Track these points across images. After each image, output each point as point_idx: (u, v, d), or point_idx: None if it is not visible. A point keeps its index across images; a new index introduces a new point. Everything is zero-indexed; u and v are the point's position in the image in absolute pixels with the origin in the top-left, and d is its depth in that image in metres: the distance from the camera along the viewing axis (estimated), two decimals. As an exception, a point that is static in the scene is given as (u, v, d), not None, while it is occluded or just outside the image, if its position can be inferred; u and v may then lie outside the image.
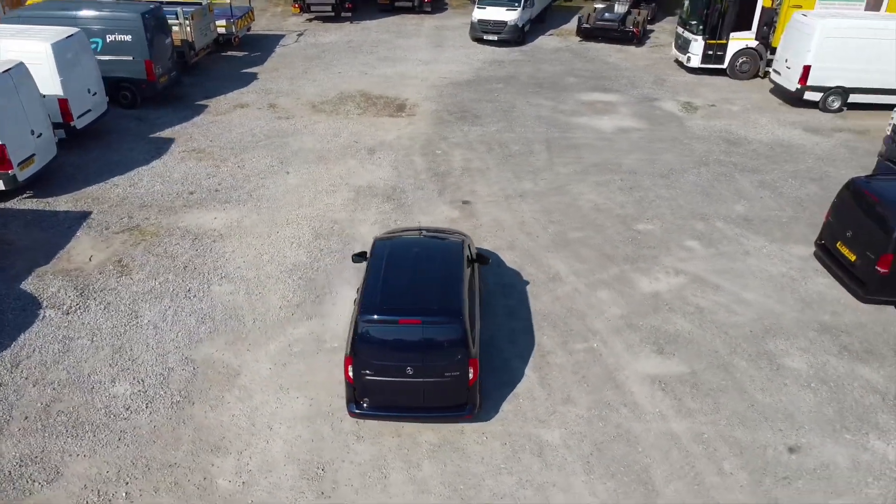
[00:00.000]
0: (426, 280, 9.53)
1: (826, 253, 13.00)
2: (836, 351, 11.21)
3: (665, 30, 30.73)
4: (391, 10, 32.48)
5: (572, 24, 31.23)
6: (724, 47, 23.79)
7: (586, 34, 28.57)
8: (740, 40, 23.66)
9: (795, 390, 10.40)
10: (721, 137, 19.35)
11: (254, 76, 23.76)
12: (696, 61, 24.08)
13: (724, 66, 24.06)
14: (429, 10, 32.59)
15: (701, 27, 23.60)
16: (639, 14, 28.89)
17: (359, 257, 11.45)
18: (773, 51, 23.46)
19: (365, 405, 9.19)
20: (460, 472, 8.99)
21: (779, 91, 22.35)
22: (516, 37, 27.47)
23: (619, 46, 27.95)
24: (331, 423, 9.72)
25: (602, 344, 11.31)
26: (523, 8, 27.62)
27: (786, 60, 21.35)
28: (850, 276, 12.27)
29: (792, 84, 21.01)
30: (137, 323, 11.60)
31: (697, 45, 23.84)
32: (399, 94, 22.39)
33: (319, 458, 9.18)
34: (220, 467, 9.00)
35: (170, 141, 18.50)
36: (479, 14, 27.44)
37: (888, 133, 16.30)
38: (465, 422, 9.45)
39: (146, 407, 9.92)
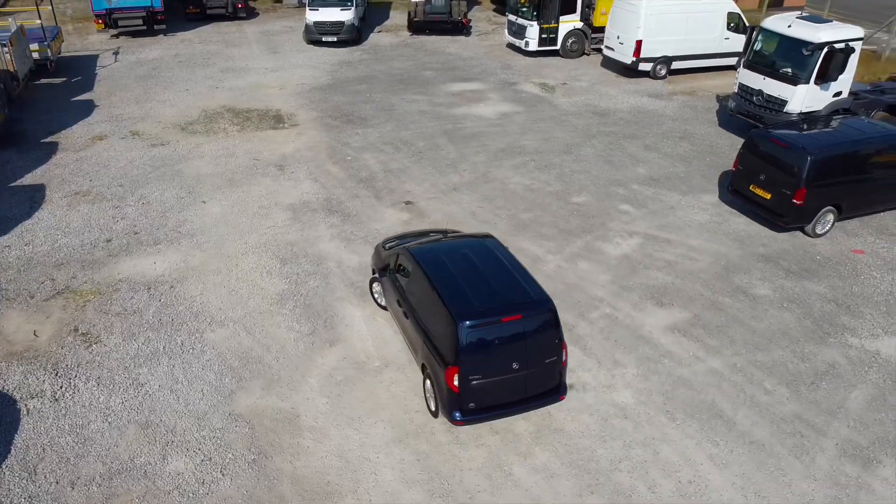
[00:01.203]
0: (497, 276, 9.72)
1: (740, 196, 15.23)
2: (783, 275, 13.36)
3: (479, 18, 32.57)
4: (203, 18, 30.49)
5: (394, 20, 31.89)
6: (555, 30, 26.00)
7: (417, 28, 29.32)
8: (569, 23, 26.04)
9: (776, 312, 12.28)
10: (589, 111, 21.35)
11: (91, 104, 21.14)
12: (533, 45, 26.03)
13: (558, 47, 26.30)
14: (244, 15, 31.11)
15: (535, 13, 25.53)
16: (458, 4, 30.27)
17: (383, 272, 11.23)
18: (595, 30, 26.24)
19: (471, 408, 9.20)
20: (571, 449, 9.44)
21: (610, 65, 25.09)
22: (354, 36, 27.42)
23: (450, 38, 29.11)
24: (426, 439, 9.58)
25: (613, 308, 12.31)
26: (356, 6, 27.61)
27: (617, 37, 24.00)
28: (768, 212, 14.57)
29: (627, 58, 23.71)
30: (147, 391, 10.26)
31: (533, 30, 25.78)
32: (267, 105, 21.42)
33: (437, 473, 9.06)
34: (343, 512, 8.53)
35: (39, 188, 16.01)
36: (314, 16, 26.91)
37: (735, 91, 19.27)
38: (557, 403, 9.85)
39: (223, 475, 8.96)
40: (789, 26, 17.49)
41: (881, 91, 19.37)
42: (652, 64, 23.78)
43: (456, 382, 8.96)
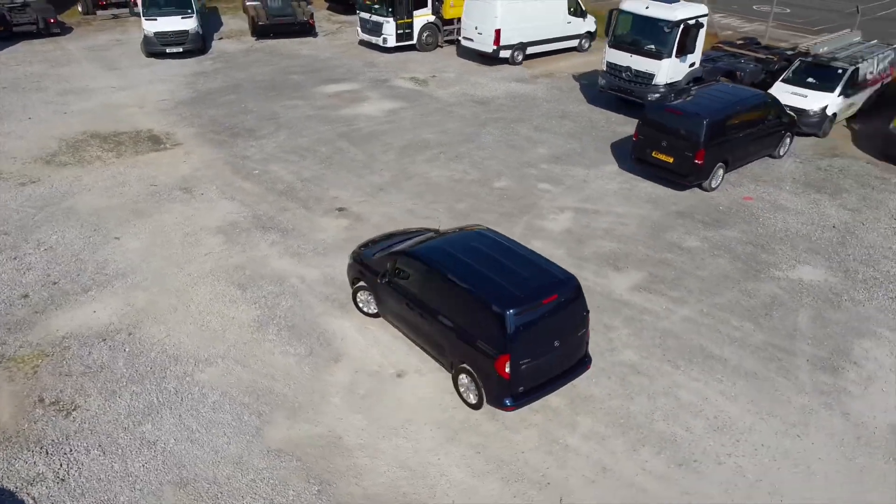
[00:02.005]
0: (517, 262, 10.05)
1: (642, 164, 16.82)
2: (701, 227, 15.08)
3: (318, 18, 31.95)
4: (8, 37, 26.90)
5: (229, 25, 30.50)
6: (410, 25, 26.43)
7: (262, 32, 28.25)
8: (422, 17, 26.60)
9: (711, 260, 13.89)
10: (470, 101, 22.13)
11: (-86, 147, 18.05)
12: (392, 41, 26.27)
13: (414, 41, 26.77)
14: (57, 31, 27.90)
15: (390, 10, 25.75)
16: (298, 5, 29.60)
17: (373, 280, 11.10)
18: (446, 22, 27.10)
19: (521, 392, 9.52)
20: (607, 412, 10.10)
21: (468, 55, 26.10)
22: (200, 45, 25.84)
23: (298, 40, 28.41)
24: (475, 432, 9.74)
25: (581, 279, 13.12)
26: (195, 13, 25.99)
27: (475, 28, 25.00)
28: (672, 174, 16.27)
29: (488, 46, 24.82)
30: (164, 447, 9.33)
31: (390, 26, 26.00)
32: (134, 126, 19.68)
33: (501, 461, 9.28)
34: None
35: None
36: (154, 26, 24.91)
37: (603, 69, 21.02)
38: (585, 372, 10.43)
39: (294, 513, 8.49)
40: (647, 7, 19.45)
41: (713, 60, 22.18)
42: (510, 51, 25.10)
43: (508, 370, 9.21)
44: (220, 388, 10.36)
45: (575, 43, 27.14)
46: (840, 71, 19.56)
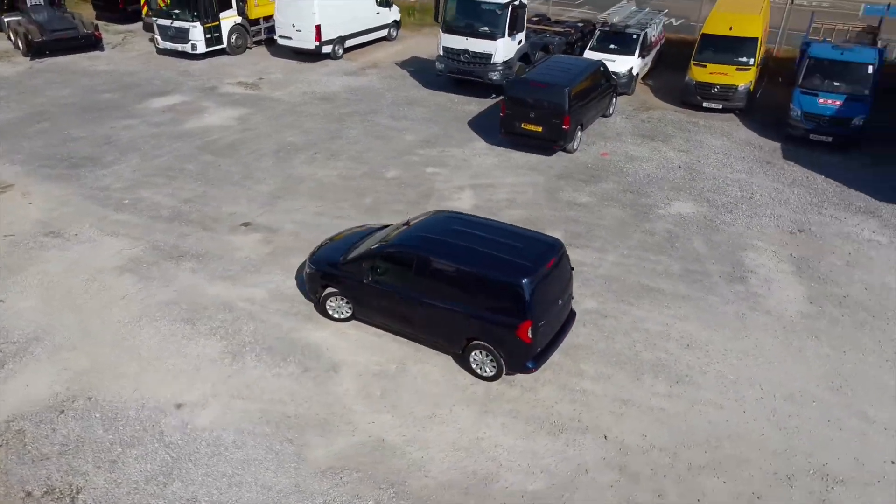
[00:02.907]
0: (503, 236, 10.65)
1: (512, 136, 18.15)
2: (584, 184, 16.79)
3: (92, 30, 28.95)
4: None
5: (-11, 45, 26.38)
6: (218, 28, 25.09)
7: (39, 50, 24.85)
8: (229, 19, 25.36)
9: (607, 210, 15.59)
10: (314, 98, 21.84)
11: None
12: (202, 47, 24.75)
13: (224, 45, 25.48)
14: None
15: (195, 14, 24.19)
16: (73, 17, 26.51)
17: (347, 284, 11.04)
18: (252, 22, 26.19)
19: (538, 353, 10.24)
20: (599, 355, 11.20)
21: (285, 53, 25.55)
22: (-29, 71, 22.12)
23: (86, 55, 25.48)
24: (502, 400, 10.26)
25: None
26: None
27: (293, 26, 24.50)
28: (543, 141, 17.83)
29: (310, 43, 24.50)
30: (210, 501, 8.59)
31: (197, 30, 24.45)
32: (-63, 173, 16.61)
33: (538, 419, 9.93)
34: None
35: None
36: None
37: (440, 55, 21.94)
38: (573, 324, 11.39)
39: (384, 519, 8.42)
40: (476, -9, 20.75)
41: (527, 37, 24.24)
42: (331, 46, 25.03)
43: (530, 334, 9.87)
44: (230, 426, 9.66)
45: (385, 33, 27.79)
46: (635, 36, 22.59)
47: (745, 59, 21.04)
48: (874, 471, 9.19)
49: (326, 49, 24.81)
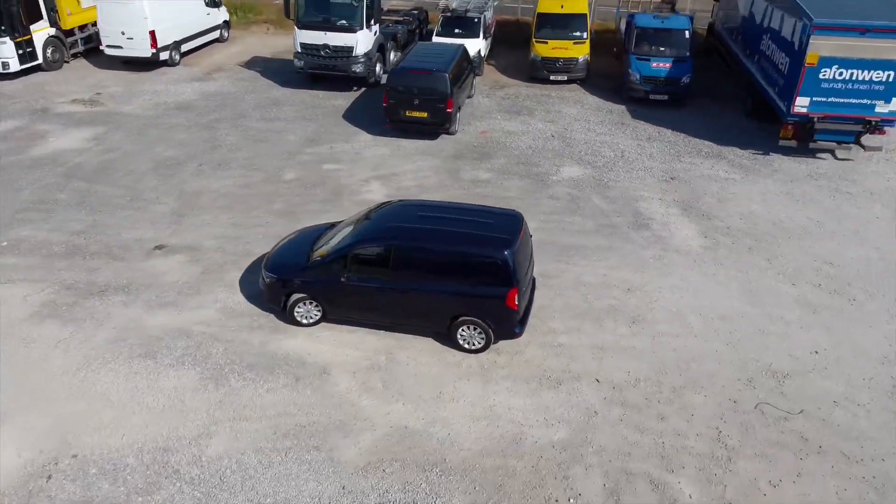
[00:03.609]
0: (467, 215, 11.24)
1: (399, 123, 18.55)
2: (478, 161, 17.71)
3: None
4: None
5: None
6: (31, 42, 22.48)
7: None
8: (41, 31, 22.79)
9: (511, 183, 16.66)
10: (170, 109, 20.52)
11: None
12: (16, 64, 22.07)
13: (40, 60, 22.88)
14: None
15: (1, 28, 21.46)
16: None
17: (343, 274, 10.97)
18: (67, 33, 23.81)
19: (522, 318, 10.98)
20: (563, 310, 12.19)
21: (112, 63, 23.59)
22: None
23: None
24: (496, 367, 10.87)
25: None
26: None
27: (123, 34, 22.64)
28: (430, 126, 18.44)
29: (146, 51, 22.84)
30: (262, 523, 8.35)
31: (8, 47, 21.76)
32: None
33: (538, 377, 10.67)
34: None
35: None
36: None
37: (297, 52, 21.52)
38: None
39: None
40: (327, -14, 20.67)
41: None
42: (168, 51, 23.53)
43: (516, 301, 10.57)
44: (247, 448, 9.33)
45: (217, 34, 26.61)
46: (476, 20, 23.88)
47: (579, 34, 23.19)
48: (807, 361, 11.13)
49: (164, 56, 23.28)
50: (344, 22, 20.88)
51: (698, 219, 15.26)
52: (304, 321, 11.51)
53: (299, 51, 21.41)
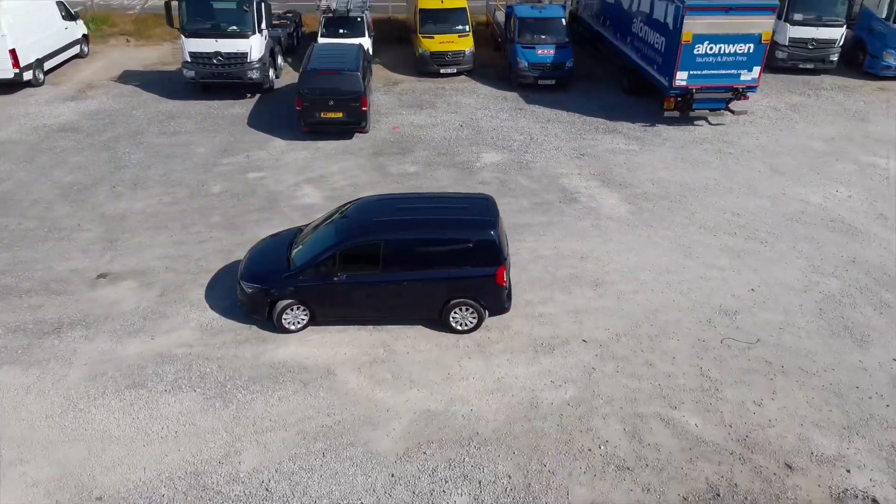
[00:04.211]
0: (445, 202, 11.82)
1: (315, 125, 18.44)
2: (401, 156, 18.04)
3: None
4: None
5: None
6: None
7: None
8: None
9: (433, 172, 17.23)
10: (54, 132, 18.96)
11: None
12: None
13: None
14: None
15: None
16: None
17: (336, 275, 10.99)
18: None
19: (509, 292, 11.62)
20: (530, 283, 12.97)
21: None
22: None
23: None
24: (491, 342, 11.43)
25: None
26: None
27: (-23, 54, 20.50)
28: (347, 126, 18.52)
29: (7, 72, 20.82)
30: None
31: None
32: None
33: (528, 346, 11.41)
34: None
35: None
36: None
37: (188, 61, 20.56)
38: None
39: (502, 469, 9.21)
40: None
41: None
42: (31, 71, 21.61)
43: (505, 277, 11.21)
44: (283, 457, 9.24)
45: (77, 49, 24.72)
46: (359, 19, 24.10)
47: (462, 27, 24.13)
48: (747, 298, 12.70)
49: (27, 76, 21.32)
50: (235, 28, 20.31)
51: (617, 188, 16.66)
52: (293, 327, 11.41)
53: (189, 60, 20.51)
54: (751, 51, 19.08)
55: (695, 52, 18.93)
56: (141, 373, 10.56)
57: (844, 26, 24.06)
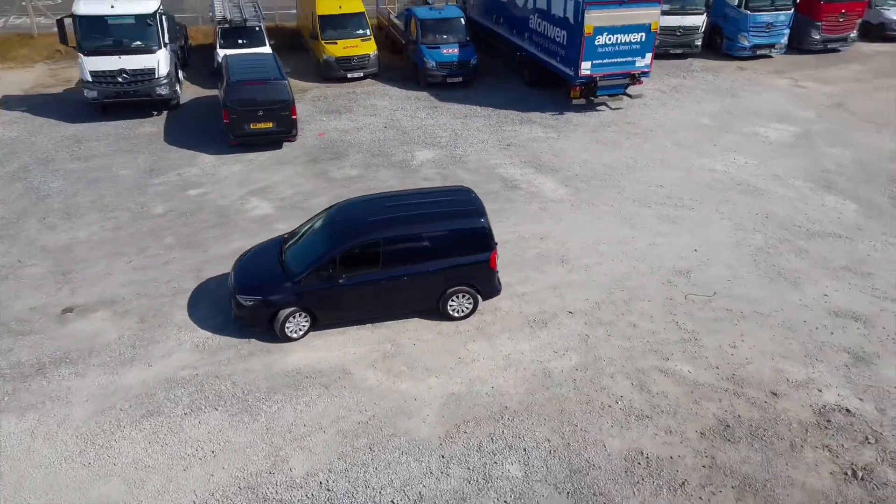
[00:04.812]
0: (428, 196, 12.33)
1: (245, 137, 18.12)
2: (338, 161, 18.16)
3: None
4: None
5: None
6: None
7: None
8: None
9: (387, 171, 17.57)
10: None
11: None
12: None
13: None
14: None
15: None
16: None
17: (341, 277, 11.15)
18: None
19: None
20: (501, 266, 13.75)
21: None
22: None
23: None
24: (488, 324, 12.07)
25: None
26: None
27: None
28: (277, 135, 18.34)
29: None
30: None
31: None
32: None
33: (523, 322, 12.16)
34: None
35: None
36: None
37: (89, 81, 19.32)
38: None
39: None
40: (113, 7, 19.00)
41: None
42: None
43: (496, 260, 11.89)
44: (332, 457, 9.38)
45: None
46: (258, 28, 23.76)
47: (362, 31, 24.44)
48: (693, 258, 14.20)
49: None
50: (140, 43, 19.42)
51: (550, 173, 17.82)
52: (295, 335, 11.43)
53: (89, 80, 19.34)
54: (643, 39, 20.96)
55: (596, 43, 20.50)
56: (152, 400, 10.21)
57: (705, 14, 26.82)
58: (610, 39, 20.63)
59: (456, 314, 12.04)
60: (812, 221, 15.72)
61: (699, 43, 27.20)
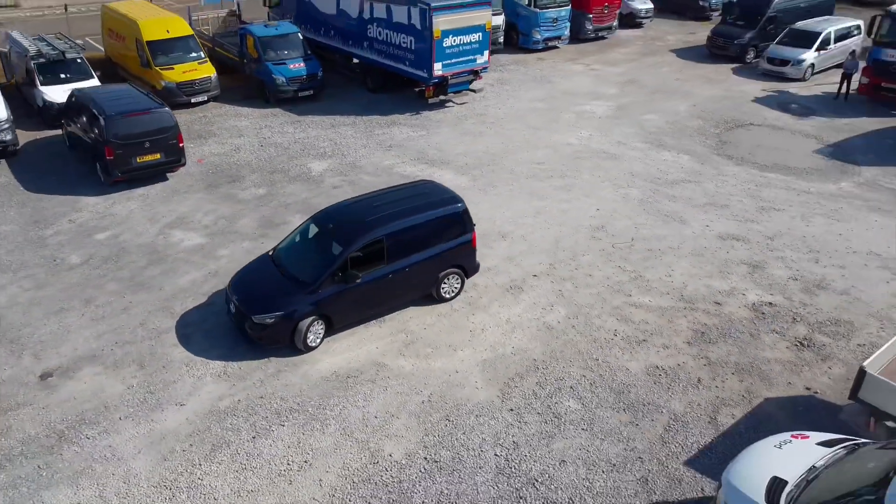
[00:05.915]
0: (402, 193, 13.12)
1: (132, 171, 17.01)
2: (238, 182, 17.91)
3: None
4: None
5: None
6: None
7: None
8: None
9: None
10: None
11: None
12: None
13: None
14: None
15: None
16: None
17: (355, 278, 11.58)
18: None
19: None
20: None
21: None
22: None
23: None
24: (479, 297, 13.29)
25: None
26: None
27: None
28: (163, 166, 17.49)
29: None
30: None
31: None
32: None
33: (517, 297, 13.61)
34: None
35: None
36: None
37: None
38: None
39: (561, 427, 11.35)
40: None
41: None
42: None
43: (475, 238, 13.17)
44: (418, 439, 10.03)
45: None
46: (80, 60, 21.97)
47: (196, 55, 23.75)
48: (599, 216, 16.62)
49: None
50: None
51: (443, 165, 19.30)
52: (314, 343, 11.67)
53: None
54: (480, 38, 23.25)
55: (444, 45, 22.34)
56: (210, 435, 9.94)
57: (502, 14, 30.06)
58: (455, 41, 22.59)
59: (447, 295, 13.06)
60: (664, 173, 19.08)
61: (501, 40, 30.36)
